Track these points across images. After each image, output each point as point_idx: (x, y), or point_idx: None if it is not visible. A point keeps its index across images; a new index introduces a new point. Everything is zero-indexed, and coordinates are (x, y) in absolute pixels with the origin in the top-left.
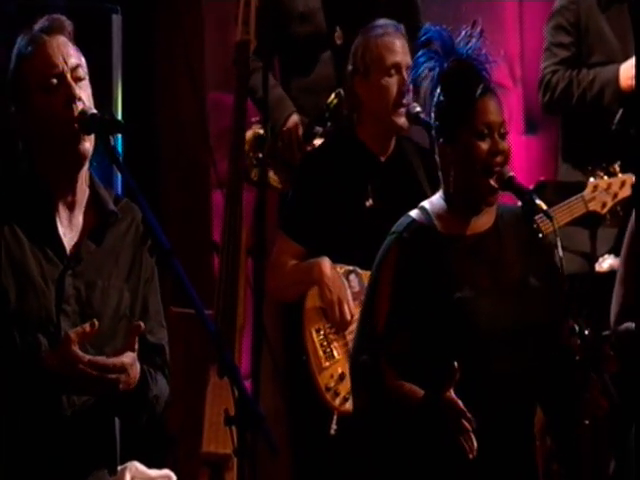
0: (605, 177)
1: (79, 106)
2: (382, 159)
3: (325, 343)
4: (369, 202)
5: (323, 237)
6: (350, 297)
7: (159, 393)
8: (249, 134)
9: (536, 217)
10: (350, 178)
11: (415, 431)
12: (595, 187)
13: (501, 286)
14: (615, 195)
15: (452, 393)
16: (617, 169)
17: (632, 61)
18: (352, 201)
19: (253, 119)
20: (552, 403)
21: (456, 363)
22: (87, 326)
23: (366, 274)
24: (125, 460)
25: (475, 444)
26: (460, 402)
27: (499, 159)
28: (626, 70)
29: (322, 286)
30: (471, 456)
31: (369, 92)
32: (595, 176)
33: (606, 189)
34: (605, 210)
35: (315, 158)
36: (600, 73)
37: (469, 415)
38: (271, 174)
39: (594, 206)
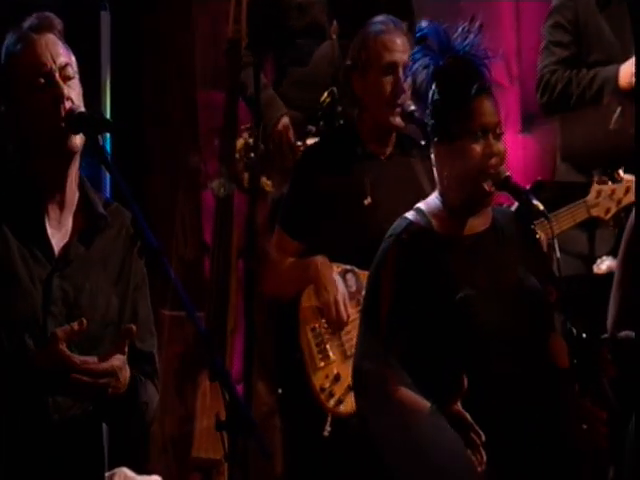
0: (609, 182)
1: (67, 105)
2: (382, 157)
3: (320, 343)
4: (367, 200)
5: (321, 235)
6: (347, 297)
7: (148, 400)
8: (240, 142)
9: (536, 221)
10: (349, 176)
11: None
12: (599, 192)
13: (501, 286)
14: (619, 201)
15: (459, 406)
16: (622, 175)
17: (631, 61)
18: (350, 199)
19: (242, 126)
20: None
21: (465, 376)
22: (75, 325)
23: (363, 274)
24: (114, 466)
25: (484, 457)
26: (468, 415)
27: (494, 161)
28: (626, 68)
29: (318, 285)
30: (480, 469)
31: (366, 90)
32: (599, 181)
33: (610, 195)
34: (609, 216)
35: (314, 154)
36: (600, 72)
37: (477, 428)
38: (264, 179)
39: (597, 212)
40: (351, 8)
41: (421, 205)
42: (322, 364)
